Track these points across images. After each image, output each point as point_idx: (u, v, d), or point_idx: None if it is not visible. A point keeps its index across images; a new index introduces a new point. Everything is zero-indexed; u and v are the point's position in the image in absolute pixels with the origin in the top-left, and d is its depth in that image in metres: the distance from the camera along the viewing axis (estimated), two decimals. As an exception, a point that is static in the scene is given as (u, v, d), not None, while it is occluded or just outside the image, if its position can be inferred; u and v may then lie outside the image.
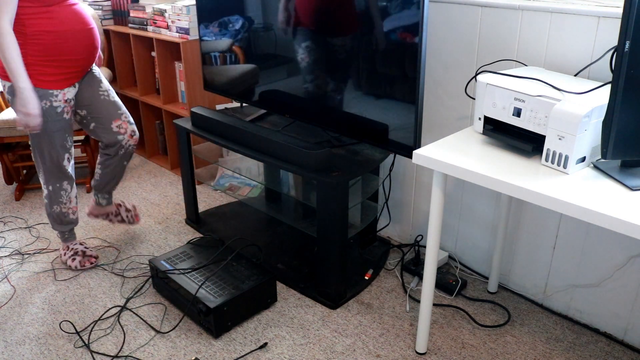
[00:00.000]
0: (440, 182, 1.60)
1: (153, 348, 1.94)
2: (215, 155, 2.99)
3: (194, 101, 3.09)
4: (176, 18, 2.98)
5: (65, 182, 2.27)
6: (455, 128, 2.18)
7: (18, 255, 2.51)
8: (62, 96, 2.10)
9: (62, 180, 2.26)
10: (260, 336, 1.99)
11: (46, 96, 2.05)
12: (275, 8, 2.17)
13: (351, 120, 2.06)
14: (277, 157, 2.09)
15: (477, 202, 2.22)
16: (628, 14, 1.21)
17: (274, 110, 2.39)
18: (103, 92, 2.26)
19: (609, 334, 1.96)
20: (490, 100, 1.61)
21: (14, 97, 1.98)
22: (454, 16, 2.03)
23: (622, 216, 1.21)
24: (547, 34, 1.81)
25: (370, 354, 1.90)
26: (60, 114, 2.12)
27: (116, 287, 2.27)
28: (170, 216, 2.86)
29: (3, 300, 2.20)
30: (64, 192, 2.29)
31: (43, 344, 1.96)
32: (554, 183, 1.39)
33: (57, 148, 2.17)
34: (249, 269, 2.12)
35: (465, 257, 2.36)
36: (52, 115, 2.09)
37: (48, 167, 2.21)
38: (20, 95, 1.95)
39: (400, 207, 2.52)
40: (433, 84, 2.19)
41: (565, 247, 1.99)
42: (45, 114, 2.08)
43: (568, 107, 1.40)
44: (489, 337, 1.98)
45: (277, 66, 2.28)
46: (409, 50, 1.77)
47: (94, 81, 2.25)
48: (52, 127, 2.12)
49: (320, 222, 2.03)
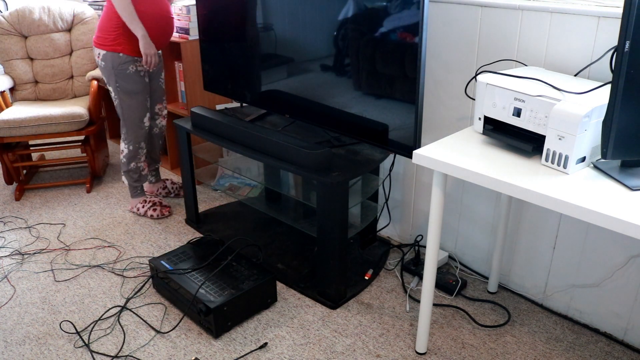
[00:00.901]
0: (440, 182, 1.60)
1: (153, 348, 1.94)
2: (215, 155, 2.99)
3: (194, 101, 3.09)
4: (176, 18, 2.98)
5: (143, 143, 2.70)
6: (455, 128, 2.18)
7: (18, 255, 2.51)
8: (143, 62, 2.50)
9: (140, 139, 2.67)
10: (260, 336, 1.99)
11: (132, 62, 2.51)
12: (275, 8, 2.17)
13: (351, 120, 2.06)
14: (277, 157, 2.09)
15: (477, 202, 2.22)
16: (628, 14, 1.21)
17: (274, 110, 2.39)
18: (161, 78, 2.79)
19: (609, 334, 1.96)
20: (490, 100, 1.61)
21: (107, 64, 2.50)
22: (454, 16, 2.03)
23: (622, 216, 1.21)
24: (547, 34, 1.81)
25: (370, 354, 1.90)
26: (144, 77, 2.58)
27: (116, 287, 2.27)
28: (170, 216, 2.86)
29: (3, 300, 2.20)
30: (141, 151, 2.72)
31: (43, 344, 1.96)
32: (554, 183, 1.39)
33: (141, 108, 2.60)
34: (249, 269, 2.12)
35: (465, 257, 2.36)
36: (136, 78, 2.55)
37: (131, 126, 2.62)
38: (144, 40, 2.44)
39: (400, 207, 2.52)
40: (433, 84, 2.19)
41: (565, 247, 1.99)
42: (132, 78, 2.53)
43: (568, 107, 1.40)
44: (489, 337, 1.98)
45: (277, 66, 2.28)
46: (409, 50, 1.77)
47: (160, 66, 2.75)
48: (137, 88, 2.56)
49: (320, 222, 2.03)
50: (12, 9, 3.23)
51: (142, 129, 2.67)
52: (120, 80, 2.54)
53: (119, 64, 2.50)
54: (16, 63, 3.22)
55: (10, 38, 3.20)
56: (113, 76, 2.53)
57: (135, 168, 2.74)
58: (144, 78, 2.58)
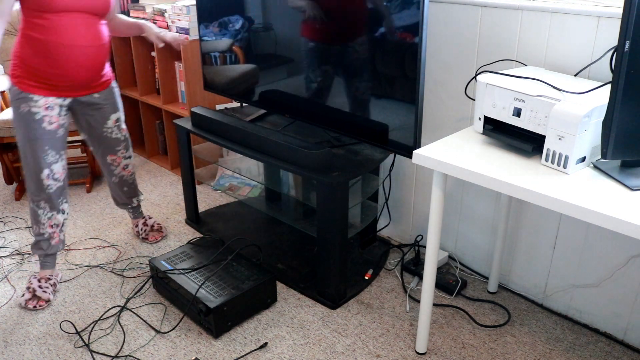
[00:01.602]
0: (440, 182, 1.60)
1: (153, 348, 1.94)
2: (215, 155, 2.99)
3: (194, 101, 3.09)
4: (176, 18, 2.98)
5: (43, 202, 2.07)
6: (455, 128, 2.18)
7: (18, 255, 2.51)
8: (44, 102, 1.96)
9: (40, 198, 2.07)
10: (260, 336, 1.99)
11: (25, 100, 1.94)
12: (276, 8, 2.17)
13: (351, 120, 2.06)
14: (277, 157, 2.09)
15: (477, 202, 2.22)
16: (628, 14, 1.21)
17: (274, 110, 2.39)
18: (107, 128, 2.21)
19: (609, 334, 1.96)
20: (490, 100, 1.61)
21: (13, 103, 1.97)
22: (454, 16, 2.03)
23: (622, 216, 1.21)
24: (547, 34, 1.81)
25: (370, 354, 1.90)
26: (39, 121, 1.96)
27: (116, 287, 2.27)
28: (170, 216, 2.86)
29: (3, 300, 2.20)
30: (41, 212, 2.09)
31: (43, 344, 1.96)
32: (554, 183, 1.39)
33: (35, 159, 2.00)
34: (249, 269, 2.12)
35: (465, 257, 2.36)
36: (29, 121, 1.95)
37: (27, 177, 2.05)
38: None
39: (400, 207, 2.52)
40: (433, 84, 2.19)
41: (565, 247, 1.99)
42: (24, 119, 1.96)
43: (568, 107, 1.40)
44: (489, 337, 1.98)
45: (277, 66, 2.28)
46: (409, 50, 1.77)
47: (102, 114, 2.17)
48: (30, 134, 1.97)
49: (320, 222, 2.03)
50: (12, 9, 3.23)
51: (40, 189, 2.05)
52: (14, 119, 1.98)
53: (13, 99, 1.96)
54: (16, 63, 3.21)
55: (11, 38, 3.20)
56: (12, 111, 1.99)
57: (36, 233, 2.14)
58: (41, 124, 1.97)
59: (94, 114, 2.16)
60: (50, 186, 2.06)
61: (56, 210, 2.13)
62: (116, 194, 2.50)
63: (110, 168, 2.35)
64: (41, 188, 2.05)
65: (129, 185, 2.46)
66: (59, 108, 2.02)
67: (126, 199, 2.51)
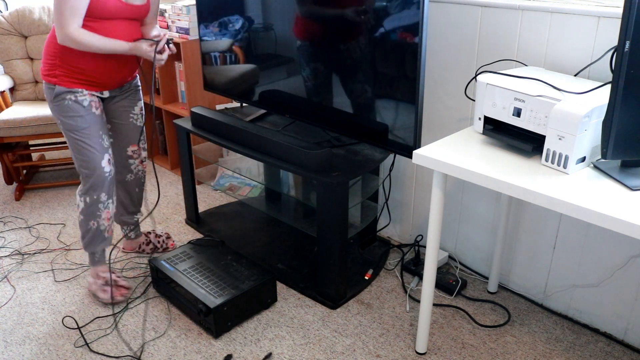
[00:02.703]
0: (440, 182, 1.60)
1: (153, 348, 1.94)
2: (215, 155, 2.99)
3: (194, 101, 3.09)
4: (176, 18, 2.98)
5: (104, 194, 2.08)
6: (455, 128, 2.18)
7: (18, 255, 2.51)
8: (87, 92, 2.01)
9: (100, 189, 2.07)
10: (260, 336, 1.99)
11: (69, 92, 1.97)
12: (276, 8, 2.17)
13: (351, 120, 2.06)
14: (277, 157, 2.09)
15: (477, 202, 2.22)
16: (628, 14, 1.21)
17: (274, 110, 2.39)
18: (134, 115, 2.23)
19: (609, 334, 1.96)
20: (490, 100, 1.61)
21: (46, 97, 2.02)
22: (454, 16, 2.03)
23: (622, 216, 1.21)
24: (547, 34, 1.81)
25: (370, 354, 1.90)
26: (88, 107, 2.00)
27: (116, 287, 2.27)
28: (170, 216, 2.86)
29: (3, 300, 2.20)
30: (101, 205, 2.09)
31: (43, 344, 1.96)
32: (554, 183, 1.39)
33: (94, 146, 2.02)
34: (249, 269, 2.12)
35: (465, 257, 2.36)
36: (78, 110, 1.99)
37: (86, 170, 2.05)
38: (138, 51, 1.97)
39: (400, 207, 2.52)
40: (433, 84, 2.19)
41: (565, 247, 1.99)
42: (72, 110, 1.98)
43: (568, 107, 1.40)
44: (489, 337, 1.98)
45: (277, 66, 2.28)
46: (409, 50, 1.77)
47: (131, 102, 2.21)
48: (82, 122, 1.99)
49: (320, 222, 2.03)
50: (12, 9, 3.23)
51: (100, 177, 2.05)
52: (59, 115, 2.01)
53: (53, 97, 1.99)
54: (16, 63, 3.22)
55: (10, 38, 3.20)
56: (54, 112, 2.03)
57: (95, 230, 2.13)
58: (91, 110, 2.01)
59: (124, 102, 2.20)
60: (111, 172, 2.09)
61: (111, 200, 2.14)
62: (131, 199, 2.37)
63: (129, 162, 2.28)
64: (104, 176, 2.06)
65: (141, 185, 2.38)
66: (97, 98, 2.09)
67: (139, 205, 2.41)
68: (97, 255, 2.20)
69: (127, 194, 2.36)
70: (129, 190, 2.35)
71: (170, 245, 2.54)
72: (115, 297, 2.16)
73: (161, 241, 2.52)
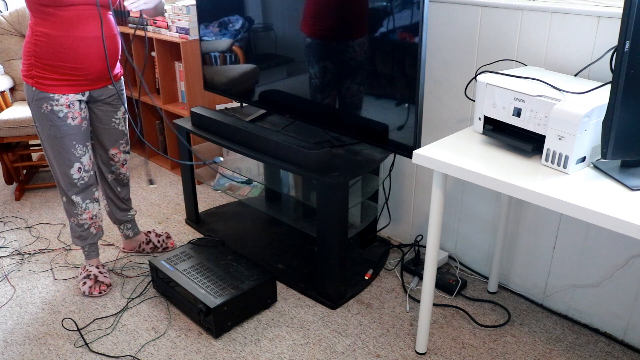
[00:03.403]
0: (440, 182, 1.60)
1: (153, 348, 1.94)
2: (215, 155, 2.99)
3: (194, 101, 3.09)
4: (176, 18, 2.98)
5: (75, 195, 2.12)
6: (455, 128, 2.18)
7: (18, 255, 2.51)
8: (65, 100, 1.96)
9: (73, 192, 2.12)
10: (260, 336, 1.99)
11: (46, 99, 1.94)
12: (276, 8, 2.17)
13: (351, 120, 2.06)
14: (277, 157, 2.09)
15: (477, 202, 2.22)
16: (628, 14, 1.21)
17: (274, 110, 2.39)
18: (116, 119, 2.18)
19: (609, 334, 1.96)
20: (490, 100, 1.61)
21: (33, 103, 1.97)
22: (454, 16, 2.03)
23: (622, 216, 1.21)
24: (547, 34, 1.81)
25: (370, 354, 1.90)
26: (63, 119, 1.98)
27: (116, 287, 2.27)
28: (170, 216, 2.86)
29: (3, 300, 2.20)
30: (77, 205, 2.15)
31: (43, 344, 1.96)
32: (554, 183, 1.39)
33: (65, 154, 2.04)
34: (249, 269, 2.12)
35: (465, 257, 2.36)
36: (53, 120, 1.97)
37: (57, 174, 2.09)
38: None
39: (400, 207, 2.52)
40: (433, 84, 2.19)
41: (565, 247, 1.99)
42: (47, 119, 1.97)
43: (568, 107, 1.40)
44: (489, 337, 1.98)
45: (277, 66, 2.28)
46: (409, 50, 1.77)
47: (114, 106, 2.16)
48: (56, 132, 1.99)
49: (320, 222, 2.03)
50: (12, 9, 3.23)
51: (71, 183, 2.10)
52: (35, 118, 2.01)
53: (32, 100, 1.97)
54: (16, 63, 3.22)
55: (10, 38, 3.20)
56: (32, 113, 2.01)
57: (75, 225, 2.20)
58: (66, 121, 1.98)
59: (106, 106, 2.14)
60: (82, 178, 2.11)
61: (90, 200, 2.17)
62: (112, 202, 2.37)
63: (109, 163, 2.27)
64: (73, 182, 2.10)
65: (124, 185, 2.36)
66: (79, 103, 2.02)
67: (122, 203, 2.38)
68: (85, 249, 2.29)
69: (112, 190, 2.35)
70: (112, 188, 2.34)
71: (170, 245, 2.54)
72: (93, 292, 2.21)
73: (161, 240, 2.52)
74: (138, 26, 1.92)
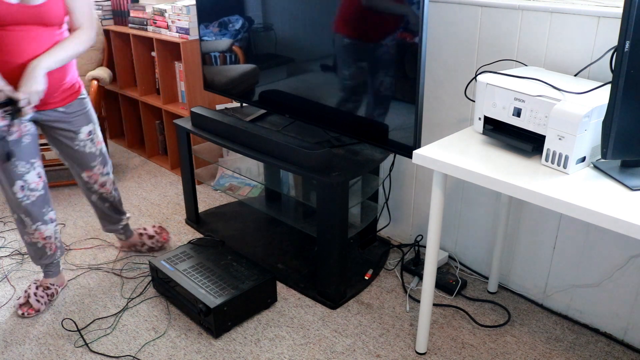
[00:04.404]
0: (440, 182, 1.60)
1: (153, 348, 1.94)
2: (215, 155, 2.99)
3: (194, 101, 3.09)
4: (176, 18, 2.98)
5: (24, 215, 1.99)
6: (455, 128, 2.18)
7: (18, 255, 2.51)
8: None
9: (19, 211, 1.98)
10: (260, 336, 1.99)
11: None
12: (276, 8, 2.17)
13: (351, 120, 2.06)
14: (277, 157, 2.09)
15: (477, 202, 2.22)
16: (628, 14, 1.21)
17: (274, 110, 2.39)
18: (80, 141, 2.03)
19: (609, 334, 1.96)
20: (490, 100, 1.61)
21: None
22: (454, 16, 2.03)
23: (622, 216, 1.21)
24: (547, 34, 1.81)
25: (370, 354, 1.90)
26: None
27: (116, 287, 2.27)
28: (170, 216, 2.86)
29: (3, 300, 2.20)
30: (26, 225, 2.02)
31: (43, 344, 1.96)
32: (554, 183, 1.39)
33: (4, 173, 1.90)
34: (249, 269, 2.12)
35: (465, 257, 2.36)
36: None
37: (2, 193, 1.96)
38: None
39: (400, 207, 2.52)
40: (433, 84, 2.19)
41: (565, 247, 1.99)
42: None
43: (568, 107, 1.40)
44: (489, 337, 1.98)
45: (277, 66, 2.28)
46: (409, 50, 1.77)
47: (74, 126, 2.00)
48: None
49: (320, 222, 2.03)
50: None
51: (15, 204, 1.96)
52: None
53: None
54: None
55: None
56: None
57: (28, 243, 2.09)
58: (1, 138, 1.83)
59: (62, 128, 2.00)
60: (26, 197, 1.95)
61: (40, 222, 2.03)
62: (102, 215, 2.32)
63: (87, 186, 2.17)
64: (16, 202, 1.95)
65: (111, 202, 2.27)
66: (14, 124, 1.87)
67: (115, 216, 2.32)
68: (42, 268, 2.18)
69: (99, 210, 2.30)
70: (99, 207, 2.28)
71: (163, 239, 2.51)
72: (18, 310, 2.10)
73: (154, 241, 2.50)
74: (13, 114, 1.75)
